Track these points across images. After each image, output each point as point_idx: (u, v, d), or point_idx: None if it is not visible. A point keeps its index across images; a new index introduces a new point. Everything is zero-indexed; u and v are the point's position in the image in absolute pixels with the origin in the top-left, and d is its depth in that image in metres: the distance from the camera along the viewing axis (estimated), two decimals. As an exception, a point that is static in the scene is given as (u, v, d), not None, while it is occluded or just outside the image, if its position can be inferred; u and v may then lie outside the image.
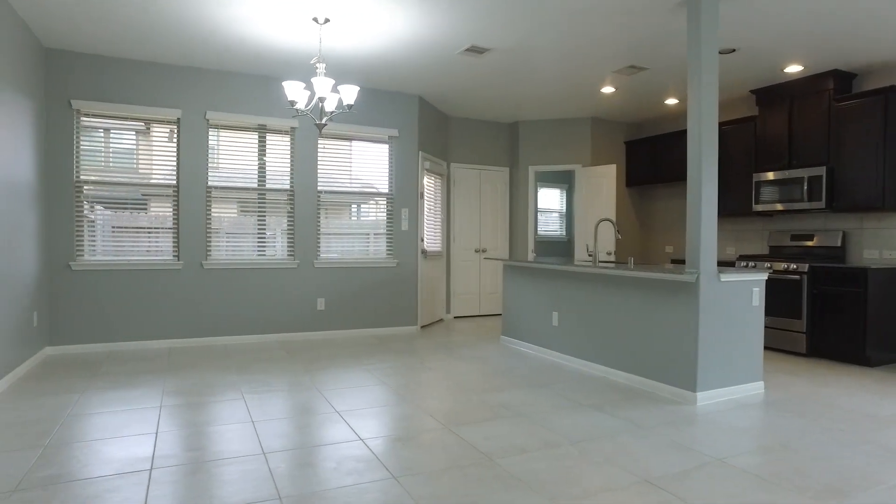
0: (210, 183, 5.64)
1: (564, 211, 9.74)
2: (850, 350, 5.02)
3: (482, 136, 7.84)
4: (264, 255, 5.89)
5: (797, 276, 5.30)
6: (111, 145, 5.33)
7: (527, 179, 7.82)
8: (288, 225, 5.97)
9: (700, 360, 3.73)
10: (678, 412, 3.58)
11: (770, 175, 5.80)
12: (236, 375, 4.36)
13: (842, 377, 4.52)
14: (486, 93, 6.33)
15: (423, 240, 6.69)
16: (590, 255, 5.09)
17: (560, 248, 9.71)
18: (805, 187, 5.46)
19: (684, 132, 6.79)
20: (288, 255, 5.97)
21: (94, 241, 5.26)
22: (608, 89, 6.07)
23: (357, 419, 3.35)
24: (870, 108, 5.09)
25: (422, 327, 6.79)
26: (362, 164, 6.32)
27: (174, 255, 5.51)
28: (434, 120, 7.07)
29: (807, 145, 5.54)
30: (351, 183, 6.26)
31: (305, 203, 6.00)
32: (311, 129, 5.98)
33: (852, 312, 4.98)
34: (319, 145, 6.06)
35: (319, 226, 6.12)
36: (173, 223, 5.50)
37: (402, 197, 6.48)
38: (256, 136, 5.83)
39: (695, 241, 3.77)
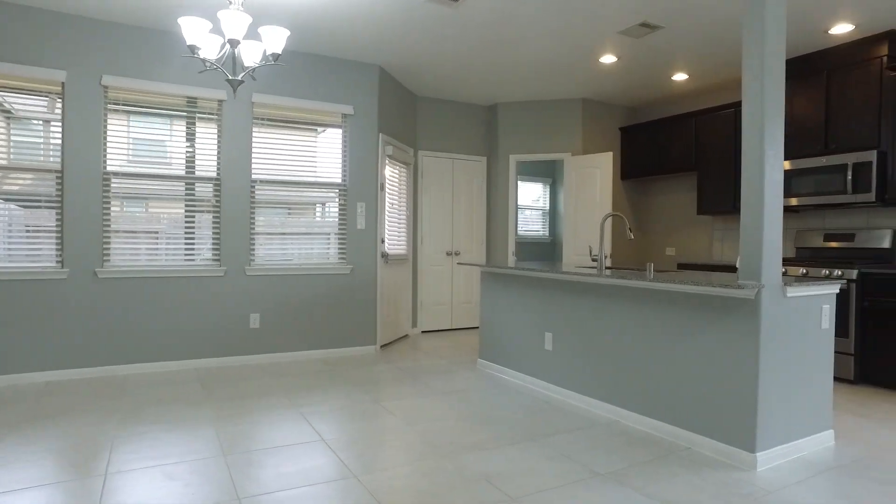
0: (108, 168, 4.39)
1: (548, 208, 8.70)
2: (911, 377, 4.05)
3: (456, 119, 6.73)
4: (192, 259, 4.67)
5: (843, 285, 4.31)
6: (-31, 116, 4.05)
7: (507, 170, 6.74)
8: (213, 222, 4.75)
9: (761, 407, 2.67)
10: (735, 485, 2.51)
11: (796, 163, 4.82)
12: (117, 429, 3.14)
13: (916, 416, 3.53)
14: (459, 65, 5.22)
15: (383, 241, 5.54)
16: (594, 260, 4.03)
17: (543, 250, 8.66)
18: (849, 176, 4.49)
19: (690, 115, 5.79)
20: (213, 259, 4.75)
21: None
22: (608, 58, 5.01)
23: (267, 515, 2.19)
24: (931, 78, 4.14)
25: (382, 347, 5.63)
26: (308, 147, 5.14)
27: (57, 262, 4.24)
28: (399, 98, 5.93)
29: (850, 126, 4.57)
30: (293, 171, 5.07)
31: (236, 195, 4.80)
32: (244, 102, 4.77)
33: (915, 330, 4.02)
34: (255, 124, 4.86)
35: (254, 223, 4.91)
36: (56, 220, 4.24)
37: (359, 189, 5.32)
38: (172, 110, 4.60)
39: (754, 241, 2.71)
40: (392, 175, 5.88)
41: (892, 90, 4.35)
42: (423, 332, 6.59)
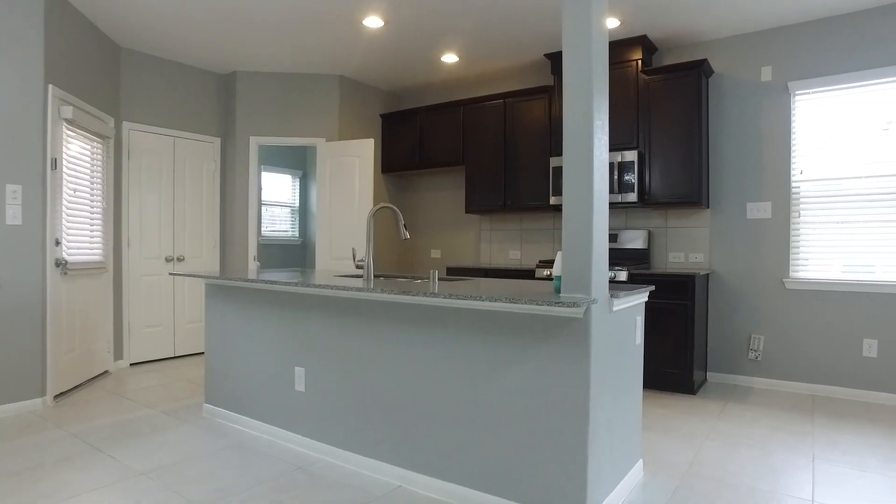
0: None
1: (298, 205, 7.55)
2: (674, 376, 4.04)
3: (180, 86, 5.19)
4: None
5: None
6: None
7: (247, 156, 5.44)
8: None
9: (591, 456, 2.04)
10: (574, 578, 1.81)
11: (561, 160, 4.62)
12: None
13: (691, 421, 3.39)
14: (180, 6, 3.81)
15: (59, 243, 3.81)
16: (358, 267, 3.12)
17: (293, 254, 7.48)
18: (615, 175, 4.39)
19: (458, 104, 5.29)
20: None
21: None
22: (374, 21, 4.15)
23: None
24: (682, 84, 4.22)
25: (58, 397, 3.88)
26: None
27: None
28: (89, 43, 4.21)
29: (615, 125, 4.49)
30: None
31: None
32: None
33: (678, 330, 4.01)
34: None
35: None
36: None
37: (6, 165, 3.52)
38: None
39: (582, 244, 2.06)
40: (82, 151, 4.14)
41: (647, 94, 4.36)
42: (132, 364, 4.91)
